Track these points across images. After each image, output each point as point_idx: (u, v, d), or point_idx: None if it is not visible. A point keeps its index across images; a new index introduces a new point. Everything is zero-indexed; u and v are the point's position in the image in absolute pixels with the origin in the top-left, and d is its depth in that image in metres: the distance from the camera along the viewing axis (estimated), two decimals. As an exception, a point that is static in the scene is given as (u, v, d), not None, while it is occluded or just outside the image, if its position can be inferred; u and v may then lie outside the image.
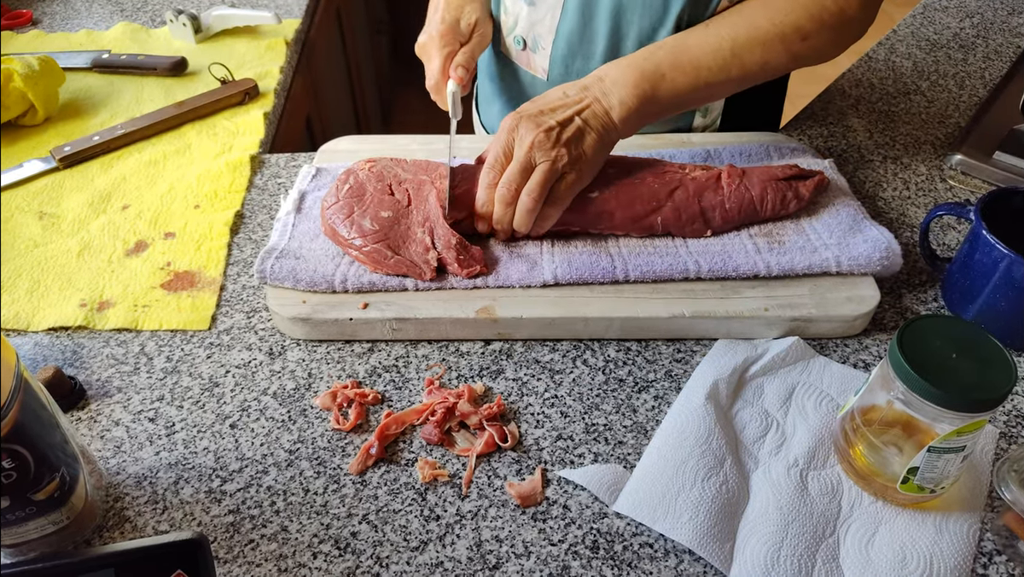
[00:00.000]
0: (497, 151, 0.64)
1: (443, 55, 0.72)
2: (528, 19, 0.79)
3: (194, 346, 0.64)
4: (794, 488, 0.52)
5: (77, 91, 0.97)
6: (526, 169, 0.63)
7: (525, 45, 0.81)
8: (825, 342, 0.64)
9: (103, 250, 0.73)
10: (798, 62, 0.69)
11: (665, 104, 0.67)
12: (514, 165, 0.63)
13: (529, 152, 0.62)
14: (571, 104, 0.64)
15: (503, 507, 0.52)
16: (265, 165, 0.84)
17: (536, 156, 0.62)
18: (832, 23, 0.67)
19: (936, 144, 0.87)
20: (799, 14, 0.66)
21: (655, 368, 0.62)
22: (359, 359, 0.63)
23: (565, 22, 0.76)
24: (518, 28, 0.80)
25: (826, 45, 0.68)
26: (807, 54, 0.68)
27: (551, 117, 0.63)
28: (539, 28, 0.78)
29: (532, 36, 0.80)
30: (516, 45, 0.82)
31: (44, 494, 0.48)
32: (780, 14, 0.66)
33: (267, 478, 0.54)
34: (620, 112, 0.65)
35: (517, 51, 0.82)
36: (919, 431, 0.50)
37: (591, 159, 0.64)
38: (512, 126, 0.64)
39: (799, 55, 0.68)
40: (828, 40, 0.68)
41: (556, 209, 0.65)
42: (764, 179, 0.69)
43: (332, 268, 0.65)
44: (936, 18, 1.12)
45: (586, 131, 0.64)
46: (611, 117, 0.65)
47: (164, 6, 1.18)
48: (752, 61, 0.67)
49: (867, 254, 0.64)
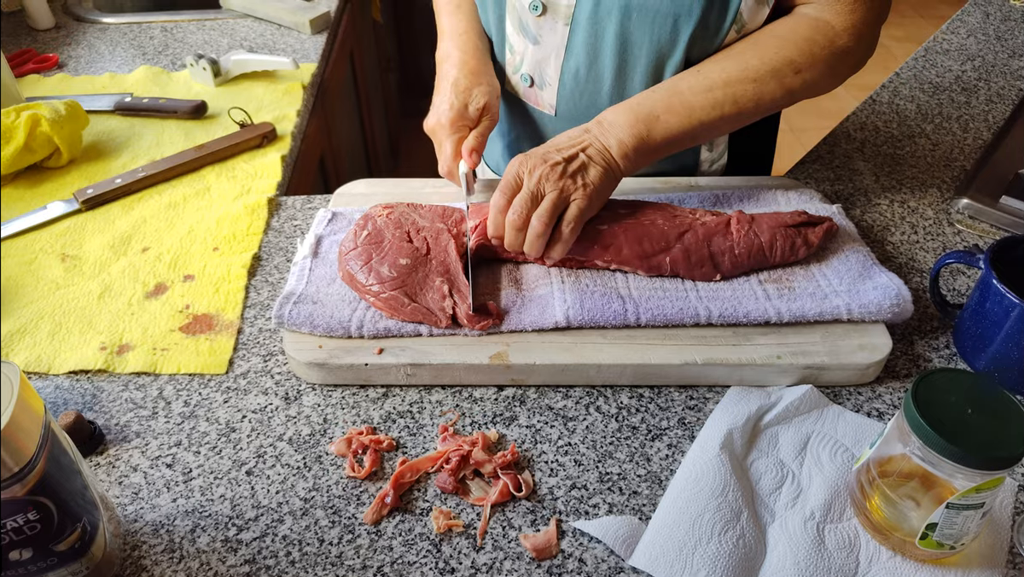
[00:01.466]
0: (507, 181, 0.67)
1: (454, 141, 0.73)
2: (533, 57, 0.80)
3: (211, 390, 0.65)
4: (811, 542, 0.52)
5: (100, 133, 0.99)
6: (535, 198, 0.66)
7: (532, 82, 0.83)
8: (838, 390, 0.64)
9: (123, 292, 0.74)
10: (794, 96, 0.71)
11: (660, 143, 0.70)
12: (524, 193, 0.66)
13: (538, 184, 0.66)
14: (574, 144, 0.69)
15: (518, 560, 0.52)
16: (282, 208, 0.86)
17: (544, 187, 0.66)
18: (824, 56, 0.70)
19: (942, 187, 0.87)
20: (789, 50, 0.69)
21: (668, 415, 0.62)
22: (374, 404, 0.63)
23: (570, 59, 0.78)
24: (524, 66, 0.82)
25: (821, 78, 0.71)
26: (802, 87, 0.71)
27: (556, 155, 0.67)
28: (545, 66, 0.80)
29: (539, 73, 0.81)
30: (523, 82, 0.84)
31: (66, 545, 0.48)
32: (771, 51, 0.70)
33: (282, 527, 0.55)
34: (618, 151, 0.69)
35: (524, 88, 0.84)
36: (937, 484, 0.50)
37: (597, 189, 0.67)
38: (520, 161, 0.67)
39: (794, 89, 0.70)
40: (823, 73, 0.71)
41: (566, 236, 0.67)
42: (773, 226, 0.70)
43: (348, 313, 0.66)
44: (938, 61, 1.13)
45: (590, 164, 0.68)
46: (612, 155, 0.69)
47: (185, 50, 1.21)
48: (745, 98, 0.70)
49: (878, 301, 0.65)
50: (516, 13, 0.79)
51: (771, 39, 0.70)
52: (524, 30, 0.79)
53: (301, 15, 1.23)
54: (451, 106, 0.74)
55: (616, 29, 0.73)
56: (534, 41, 0.79)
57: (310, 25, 1.23)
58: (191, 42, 1.23)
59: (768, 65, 0.69)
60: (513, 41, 0.82)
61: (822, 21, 0.70)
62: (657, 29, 0.72)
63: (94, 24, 1.30)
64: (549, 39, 0.78)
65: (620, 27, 0.73)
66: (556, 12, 0.76)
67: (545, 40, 0.78)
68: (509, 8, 0.80)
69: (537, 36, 0.78)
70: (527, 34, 0.79)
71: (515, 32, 0.81)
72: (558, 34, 0.77)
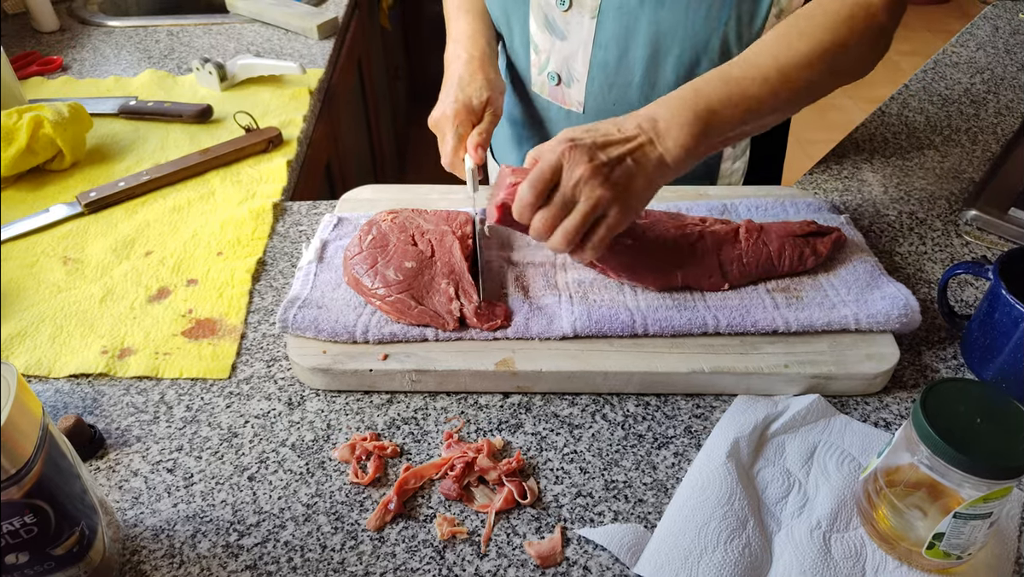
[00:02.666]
0: (544, 169, 0.60)
1: (457, 135, 0.73)
2: (560, 53, 0.80)
3: (214, 395, 0.64)
4: (817, 551, 0.52)
5: (104, 136, 0.99)
6: (568, 204, 0.60)
7: (560, 80, 0.83)
8: (845, 400, 0.63)
9: (126, 296, 0.74)
10: (839, 79, 0.69)
11: (718, 141, 0.65)
12: (557, 198, 0.60)
13: (576, 187, 0.60)
14: (627, 140, 0.62)
15: (522, 567, 0.52)
16: (287, 213, 0.85)
17: (581, 191, 0.60)
18: (866, 34, 0.67)
19: (951, 199, 0.87)
20: (835, 32, 0.66)
21: (674, 424, 0.61)
22: (378, 410, 0.63)
23: (599, 53, 0.77)
24: (551, 64, 0.82)
25: (863, 58, 0.69)
26: (848, 68, 0.68)
27: (604, 153, 0.61)
28: (572, 62, 0.80)
29: (566, 70, 0.81)
30: (550, 81, 0.84)
31: (63, 549, 0.47)
32: (817, 34, 0.66)
33: (284, 533, 0.54)
34: (676, 154, 0.62)
35: (551, 87, 0.84)
36: (944, 495, 0.49)
37: (636, 202, 0.62)
38: (565, 150, 0.60)
39: (840, 70, 0.68)
40: (864, 53, 0.68)
41: (589, 255, 0.62)
42: (782, 235, 0.70)
43: (354, 318, 0.65)
44: (947, 73, 1.13)
45: (637, 173, 0.61)
46: (665, 160, 0.62)
47: (191, 54, 1.21)
48: (800, 85, 0.66)
49: (885, 311, 0.65)
50: (541, 10, 0.79)
51: (813, 21, 0.67)
52: (551, 27, 0.79)
53: (309, 20, 1.24)
54: (455, 99, 0.74)
55: (650, 17, 0.72)
56: (561, 37, 0.79)
57: (318, 30, 1.23)
58: (197, 46, 1.24)
59: (818, 49, 0.65)
60: (538, 40, 0.82)
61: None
62: (691, 16, 0.71)
63: (99, 27, 1.30)
64: (576, 34, 0.78)
65: (654, 15, 0.72)
66: (583, 5, 0.76)
67: (572, 35, 0.78)
68: (533, 6, 0.80)
69: (565, 31, 0.78)
70: (554, 30, 0.79)
71: (540, 30, 0.81)
72: (585, 27, 0.77)
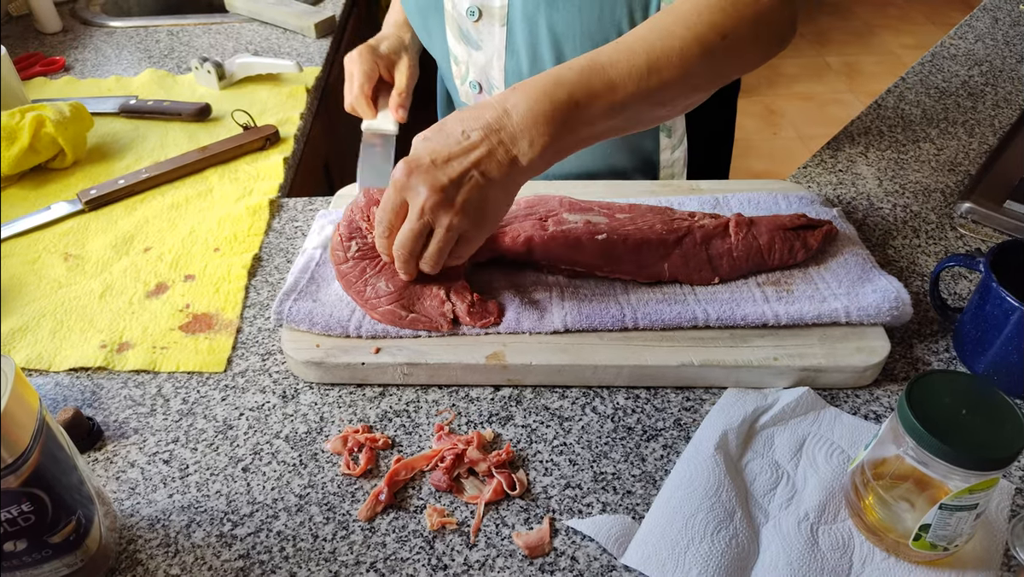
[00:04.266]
0: (387, 208, 0.60)
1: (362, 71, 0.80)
2: (477, 63, 0.81)
3: (209, 388, 0.65)
4: (804, 543, 0.52)
5: (105, 135, 1.00)
6: (420, 233, 0.59)
7: (481, 89, 0.84)
8: (835, 392, 0.64)
9: (124, 292, 0.75)
10: (719, 70, 0.63)
11: (582, 136, 0.60)
12: (407, 229, 0.59)
13: (422, 217, 0.58)
14: (470, 150, 0.57)
15: (511, 557, 0.52)
16: (283, 209, 0.86)
17: (430, 220, 0.58)
18: (749, 16, 0.61)
19: (946, 192, 0.87)
20: (713, 12, 0.60)
21: (664, 416, 0.62)
22: (370, 403, 0.63)
23: (511, 60, 0.78)
24: (471, 74, 0.83)
25: (747, 45, 0.62)
26: (728, 58, 0.62)
27: (445, 172, 0.57)
28: (489, 70, 0.81)
29: (485, 79, 0.82)
30: (472, 90, 0.85)
31: (60, 537, 0.48)
32: (693, 16, 0.60)
33: (277, 523, 0.55)
34: (530, 155, 0.57)
35: (474, 95, 0.85)
36: (931, 486, 0.49)
37: (492, 214, 0.60)
38: (403, 183, 0.58)
39: (720, 60, 0.62)
40: (748, 39, 0.62)
41: (461, 259, 0.63)
42: (772, 228, 0.70)
43: (348, 314, 0.66)
44: (945, 66, 1.13)
45: (486, 186, 0.57)
46: (518, 163, 0.58)
47: (190, 54, 1.22)
48: (672, 77, 0.59)
49: (876, 304, 0.65)
50: (455, 22, 0.80)
51: (689, 4, 0.61)
52: (465, 37, 0.80)
53: (306, 19, 1.24)
54: (366, 44, 0.81)
55: (547, 21, 0.73)
56: (476, 47, 0.80)
57: (315, 29, 1.24)
58: (196, 45, 1.25)
59: (693, 31, 0.59)
60: (456, 51, 0.83)
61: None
62: (585, 17, 0.70)
63: (101, 28, 1.31)
64: (489, 43, 0.79)
65: (548, 20, 0.72)
66: (492, 15, 0.76)
67: (486, 44, 0.79)
68: (448, 19, 0.81)
69: (478, 41, 0.79)
70: (469, 41, 0.80)
71: (456, 41, 0.82)
72: (496, 36, 0.77)
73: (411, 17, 0.86)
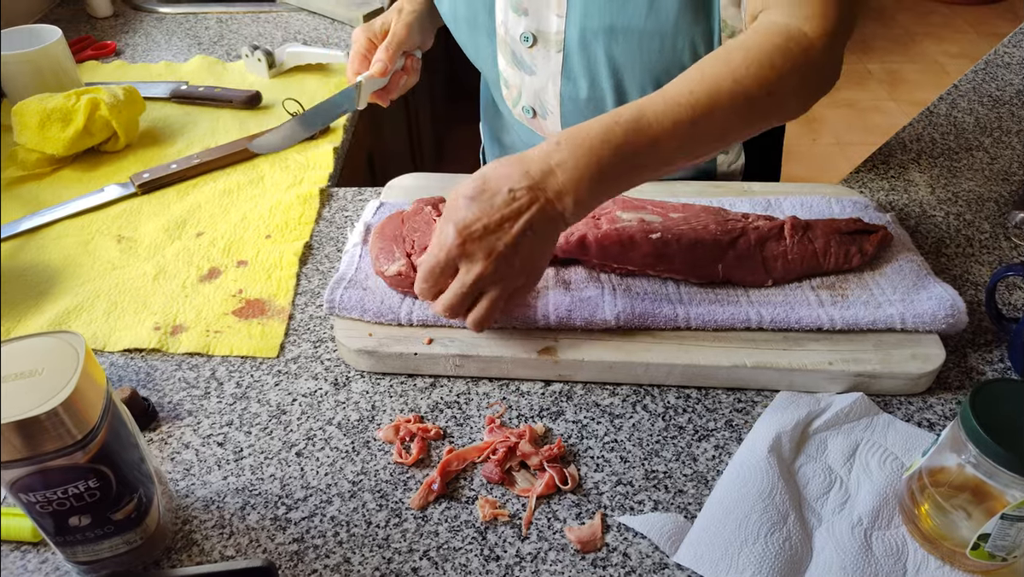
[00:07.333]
0: (436, 271, 0.59)
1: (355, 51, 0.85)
2: (531, 88, 0.81)
3: (263, 373, 0.66)
4: (858, 548, 0.52)
5: (156, 120, 1.02)
6: (471, 295, 0.59)
7: (535, 113, 0.83)
8: (888, 399, 0.63)
9: (177, 275, 0.76)
10: (761, 125, 0.63)
11: (623, 189, 0.61)
12: (459, 293, 0.59)
13: (477, 283, 0.58)
14: (520, 212, 0.57)
15: (563, 551, 0.52)
16: (333, 198, 0.87)
17: (488, 285, 0.59)
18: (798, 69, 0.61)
19: (1000, 201, 0.86)
20: (761, 66, 0.60)
21: (715, 417, 0.62)
22: (421, 393, 0.64)
23: (568, 85, 0.77)
24: (523, 98, 0.83)
25: (791, 95, 0.62)
26: (771, 109, 0.62)
27: (500, 239, 0.57)
28: (543, 95, 0.80)
29: (539, 103, 0.82)
30: (526, 114, 0.85)
31: (123, 514, 0.49)
32: (742, 69, 0.59)
33: (331, 508, 0.56)
34: (575, 211, 0.58)
35: (528, 119, 0.85)
36: (990, 497, 0.49)
37: (541, 264, 0.61)
38: (459, 252, 0.58)
39: (762, 113, 0.62)
40: (794, 90, 0.62)
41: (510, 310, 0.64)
42: (827, 232, 0.69)
43: (399, 300, 0.66)
44: (999, 74, 1.11)
45: (537, 241, 0.58)
46: (564, 217, 0.59)
47: (239, 41, 1.23)
48: (713, 132, 0.60)
49: (932, 312, 0.64)
50: (508, 47, 0.80)
51: (740, 52, 0.60)
52: (519, 63, 0.80)
53: (355, 10, 1.25)
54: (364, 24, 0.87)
55: (606, 52, 0.72)
56: (530, 72, 0.80)
57: (363, 20, 1.25)
58: (246, 34, 1.26)
59: (741, 85, 0.59)
60: (508, 75, 0.83)
61: (794, 29, 0.61)
62: (645, 50, 0.70)
63: (151, 13, 1.33)
64: (544, 68, 0.78)
65: (607, 49, 0.72)
66: (547, 41, 0.76)
67: (540, 69, 0.78)
68: (500, 43, 0.80)
69: (532, 67, 0.79)
70: (522, 66, 0.80)
71: (509, 66, 0.81)
72: (552, 61, 0.77)
73: (456, 30, 0.85)
